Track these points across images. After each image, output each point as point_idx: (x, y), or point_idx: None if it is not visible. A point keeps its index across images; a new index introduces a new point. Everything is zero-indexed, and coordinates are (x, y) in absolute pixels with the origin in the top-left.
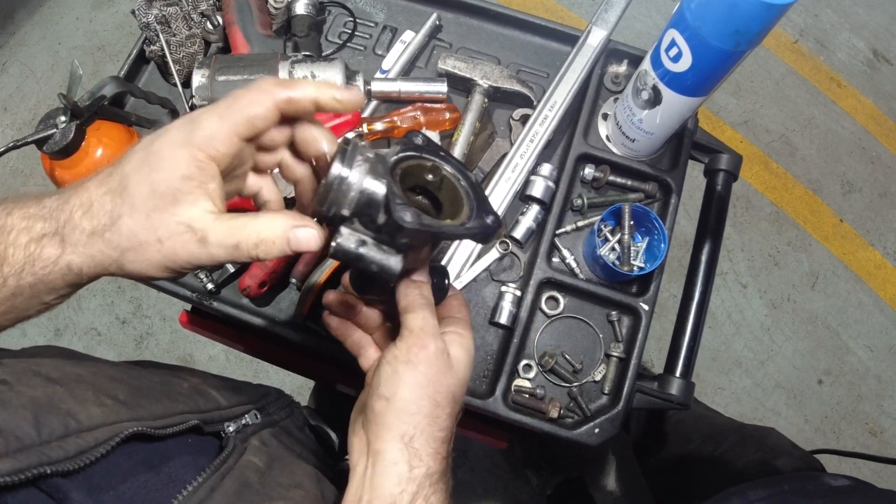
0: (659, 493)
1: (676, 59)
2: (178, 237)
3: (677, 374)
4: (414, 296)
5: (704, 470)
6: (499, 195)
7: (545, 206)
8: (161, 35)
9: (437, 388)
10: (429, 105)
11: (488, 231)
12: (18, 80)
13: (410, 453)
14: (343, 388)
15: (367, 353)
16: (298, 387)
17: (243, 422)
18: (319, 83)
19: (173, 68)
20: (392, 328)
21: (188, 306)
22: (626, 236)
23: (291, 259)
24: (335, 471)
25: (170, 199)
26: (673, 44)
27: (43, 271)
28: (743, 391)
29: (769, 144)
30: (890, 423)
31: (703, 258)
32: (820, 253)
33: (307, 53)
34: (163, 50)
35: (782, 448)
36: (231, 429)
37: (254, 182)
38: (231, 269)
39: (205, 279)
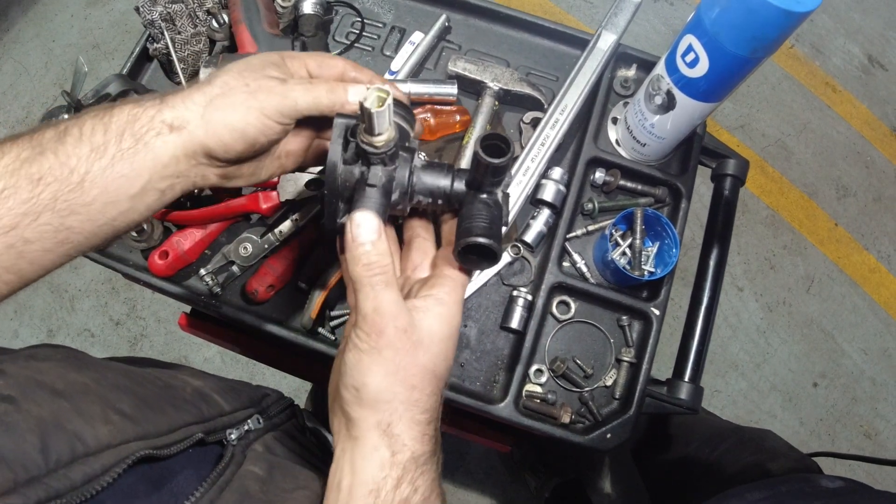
0: (657, 495)
1: (693, 64)
2: (263, 81)
3: (686, 378)
4: (359, 270)
5: (702, 472)
6: (510, 199)
7: (556, 209)
8: (166, 33)
9: (409, 370)
10: (439, 107)
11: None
12: (12, 78)
13: (391, 439)
14: None
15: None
16: (295, 389)
17: (246, 427)
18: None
19: (178, 67)
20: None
21: (187, 308)
22: (638, 241)
23: (299, 262)
24: None
25: (258, 66)
26: (690, 49)
27: (141, 130)
28: (739, 393)
29: (765, 149)
30: (884, 426)
31: (712, 263)
32: (815, 257)
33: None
34: (167, 48)
35: (779, 450)
36: (233, 436)
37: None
38: (237, 272)
39: (210, 282)
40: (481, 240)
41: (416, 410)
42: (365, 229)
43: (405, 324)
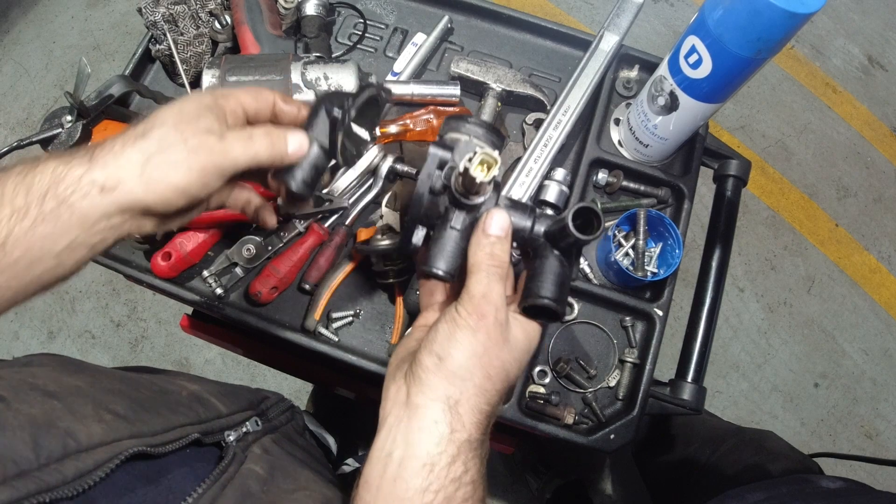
0: (658, 496)
1: (696, 65)
2: (201, 136)
3: (689, 378)
4: (481, 255)
5: (703, 473)
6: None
7: (559, 210)
8: (168, 34)
9: (492, 360)
10: (441, 108)
11: None
12: (12, 79)
13: (454, 417)
14: (342, 392)
15: (437, 297)
16: (296, 391)
17: (244, 429)
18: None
19: (181, 68)
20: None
21: (188, 310)
22: (641, 241)
23: (303, 265)
24: (335, 475)
25: (194, 116)
26: (693, 50)
27: (65, 192)
28: (740, 394)
29: (765, 149)
30: (885, 426)
31: (714, 264)
32: (816, 257)
33: (319, 55)
34: (170, 49)
35: (780, 451)
36: (231, 438)
37: (242, 194)
38: (240, 273)
39: (213, 284)
40: (547, 303)
41: (482, 399)
42: (497, 225)
43: (504, 319)
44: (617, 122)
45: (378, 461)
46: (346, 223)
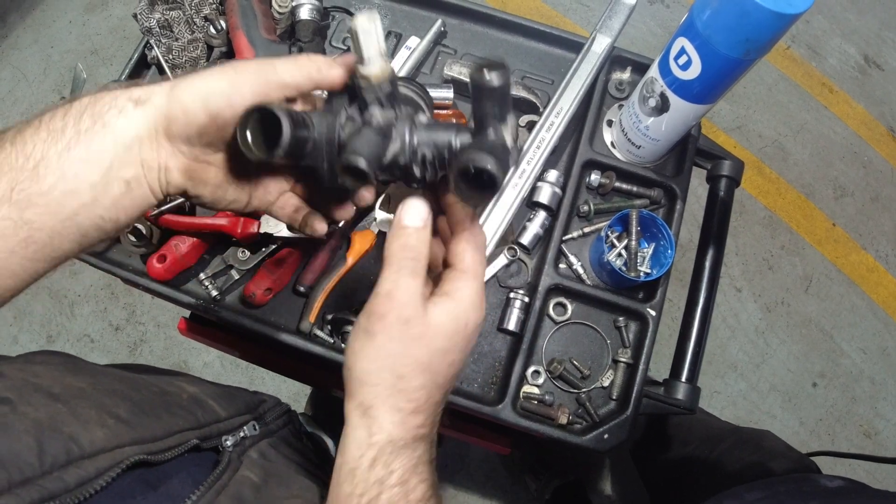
0: (656, 496)
1: (685, 67)
2: (251, 64)
3: (683, 378)
4: (395, 247)
5: (701, 473)
6: (506, 201)
7: (552, 212)
8: (162, 40)
9: (399, 360)
10: (435, 111)
11: None
12: (10, 84)
13: (370, 421)
14: (339, 394)
15: None
16: (294, 393)
17: (241, 434)
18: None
19: (170, 74)
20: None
21: (185, 313)
22: (634, 242)
23: (298, 266)
24: None
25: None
26: (682, 52)
27: (102, 109)
28: (738, 394)
29: (762, 149)
30: (884, 425)
31: (707, 264)
32: (813, 257)
33: None
34: (165, 54)
35: (778, 450)
36: (229, 443)
37: (290, 200)
38: (235, 276)
39: (209, 286)
40: (476, 157)
41: (400, 398)
42: (412, 214)
43: (409, 315)
44: (609, 123)
45: (334, 470)
46: (340, 225)
